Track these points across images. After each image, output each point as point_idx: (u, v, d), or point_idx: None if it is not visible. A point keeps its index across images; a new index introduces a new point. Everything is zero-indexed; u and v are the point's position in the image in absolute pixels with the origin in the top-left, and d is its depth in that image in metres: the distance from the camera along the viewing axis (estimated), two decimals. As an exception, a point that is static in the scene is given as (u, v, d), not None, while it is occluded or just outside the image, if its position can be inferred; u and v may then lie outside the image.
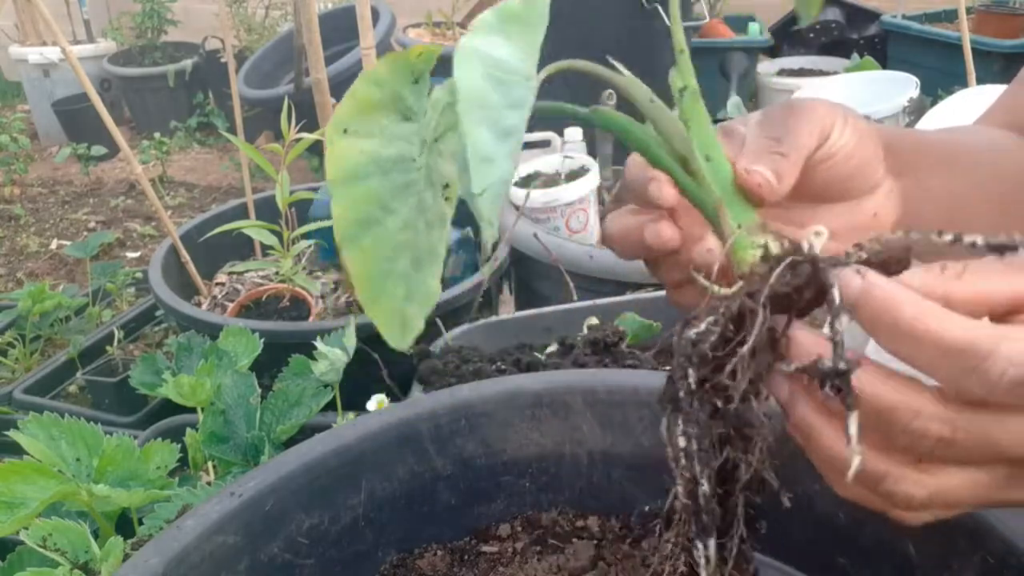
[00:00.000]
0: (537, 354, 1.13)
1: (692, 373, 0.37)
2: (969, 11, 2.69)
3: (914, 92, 2.02)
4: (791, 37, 3.31)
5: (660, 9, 2.30)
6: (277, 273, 1.65)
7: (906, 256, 0.35)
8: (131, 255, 2.72)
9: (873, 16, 3.16)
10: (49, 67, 3.73)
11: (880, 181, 0.48)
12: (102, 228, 2.94)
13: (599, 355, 1.10)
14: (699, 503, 0.38)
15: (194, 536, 0.55)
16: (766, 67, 3.22)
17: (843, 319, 0.34)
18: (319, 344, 1.05)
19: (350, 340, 1.10)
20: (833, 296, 0.34)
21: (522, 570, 0.64)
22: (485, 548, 0.68)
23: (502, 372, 1.08)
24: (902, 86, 2.05)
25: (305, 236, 1.63)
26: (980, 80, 1.91)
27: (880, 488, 0.36)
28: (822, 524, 0.61)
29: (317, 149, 2.78)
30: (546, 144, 2.17)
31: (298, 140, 1.53)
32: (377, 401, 1.04)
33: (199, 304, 1.72)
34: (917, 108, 2.00)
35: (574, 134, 2.16)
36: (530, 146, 2.07)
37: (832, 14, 3.21)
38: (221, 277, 1.88)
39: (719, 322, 0.37)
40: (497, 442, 0.69)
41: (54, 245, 2.83)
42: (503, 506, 0.71)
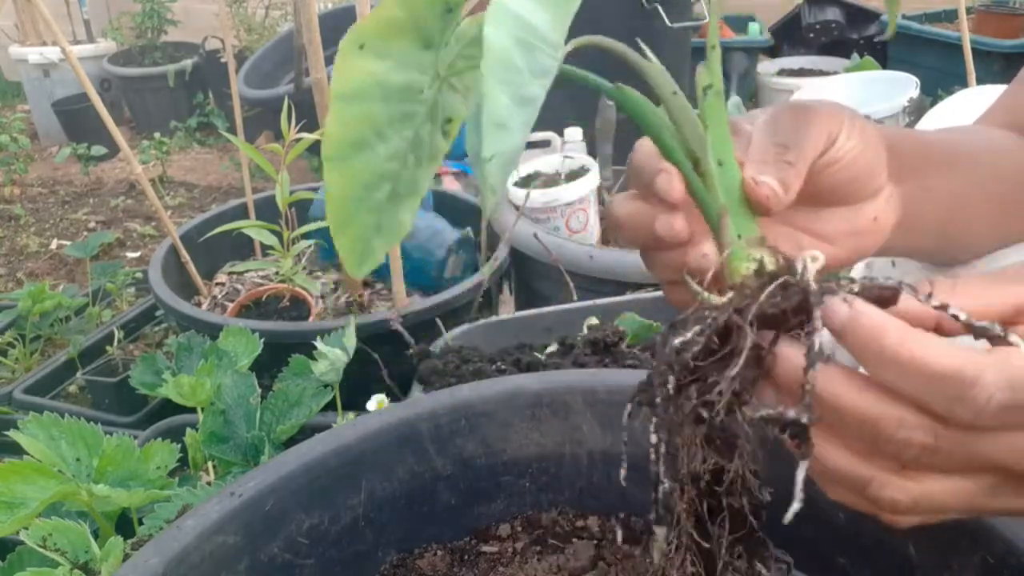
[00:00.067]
0: (537, 354, 1.13)
1: (672, 380, 0.38)
2: (969, 11, 2.69)
3: (914, 92, 2.02)
4: (791, 37, 3.31)
5: (660, 9, 2.30)
6: (277, 273, 1.65)
7: (896, 298, 0.36)
8: (131, 255, 2.72)
9: (873, 16, 3.16)
10: (49, 67, 3.72)
11: (882, 185, 0.48)
12: (102, 228, 2.94)
13: (599, 355, 1.10)
14: (658, 496, 0.40)
15: (194, 536, 0.55)
16: (766, 67, 3.22)
17: (821, 359, 0.35)
18: (319, 344, 1.05)
19: (350, 340, 1.10)
20: (815, 327, 0.35)
21: (522, 570, 0.64)
22: (485, 548, 0.68)
23: (502, 372, 1.08)
24: (902, 86, 2.05)
25: (305, 236, 1.63)
26: (980, 80, 1.91)
27: (866, 493, 0.37)
28: (822, 524, 0.61)
29: (317, 149, 2.75)
30: (546, 144, 2.16)
31: (298, 140, 1.53)
32: (377, 401, 1.04)
33: (199, 304, 1.72)
34: (917, 108, 2.00)
35: (574, 134, 2.15)
36: (530, 146, 2.07)
37: (832, 14, 3.21)
38: (221, 277, 1.88)
39: (705, 332, 0.37)
40: (497, 442, 0.69)
41: (54, 245, 2.82)
42: (503, 506, 0.71)
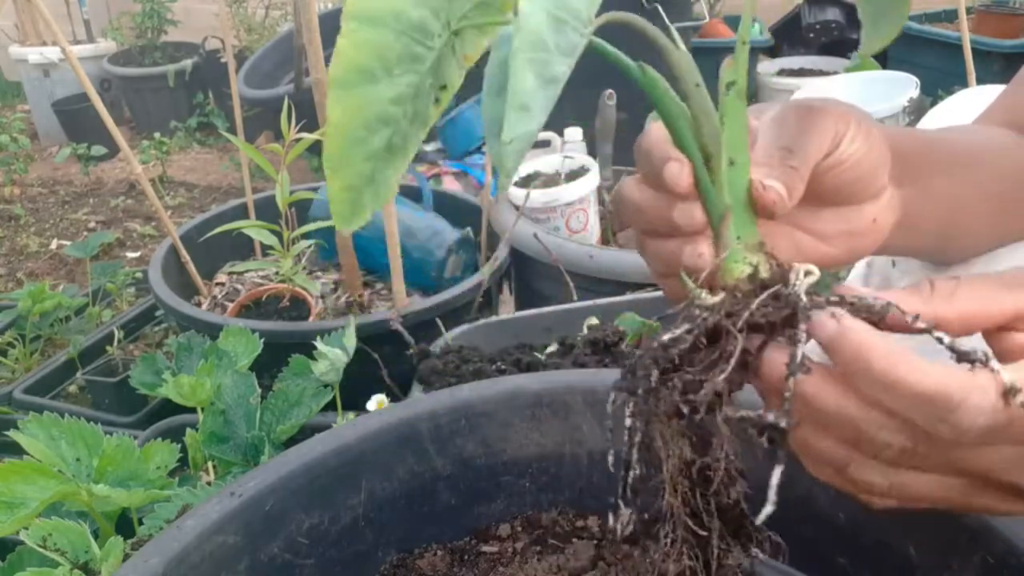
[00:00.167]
0: (537, 354, 1.13)
1: (655, 373, 0.38)
2: (969, 11, 2.69)
3: (914, 92, 2.02)
4: (791, 37, 3.31)
5: (660, 9, 2.30)
6: (277, 273, 1.65)
7: (885, 317, 0.36)
8: (131, 255, 2.72)
9: (873, 16, 3.16)
10: (49, 67, 3.72)
11: (884, 187, 0.48)
12: (102, 228, 2.94)
13: (599, 355, 1.10)
14: (627, 480, 0.41)
15: (194, 536, 0.55)
16: (766, 67, 3.22)
17: (802, 369, 0.36)
18: (319, 344, 1.05)
19: (350, 340, 1.10)
20: (799, 338, 0.36)
21: (522, 570, 0.64)
22: (485, 548, 0.68)
23: (502, 372, 1.08)
24: (902, 86, 2.06)
25: (305, 236, 1.63)
26: (980, 80, 1.91)
27: (845, 473, 0.38)
28: (822, 524, 0.61)
29: (317, 149, 2.75)
30: (546, 144, 2.16)
31: (298, 140, 1.53)
32: (377, 401, 1.04)
33: (199, 304, 1.72)
34: (917, 108, 2.00)
35: (574, 134, 2.15)
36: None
37: (832, 14, 3.21)
38: (221, 277, 1.88)
39: (694, 332, 0.38)
40: (497, 442, 0.69)
41: (54, 245, 2.82)
42: (503, 506, 0.71)
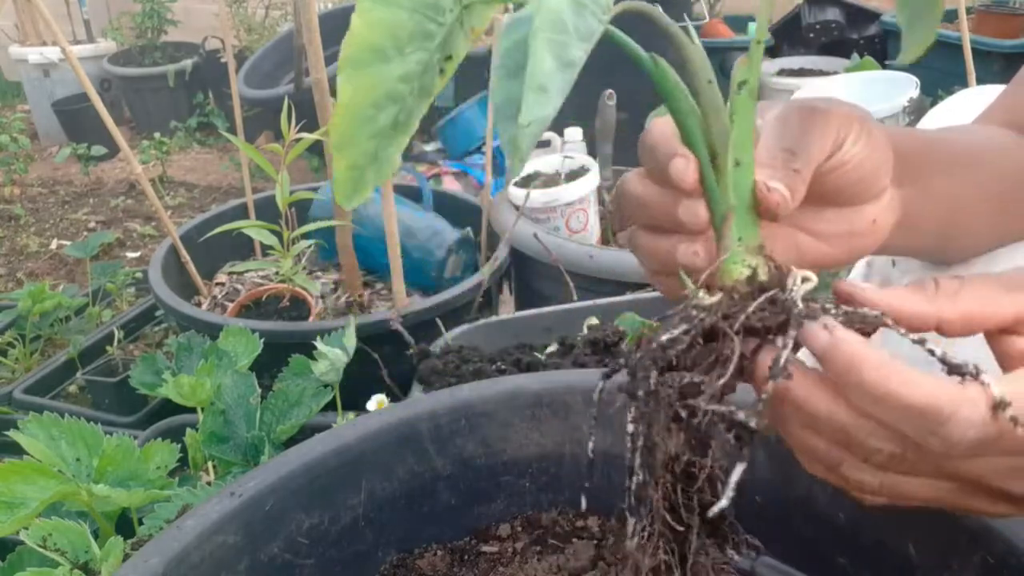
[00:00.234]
0: (537, 354, 1.13)
1: (654, 375, 0.38)
2: (969, 11, 2.69)
3: (914, 92, 2.02)
4: (791, 37, 3.31)
5: (660, 8, 2.30)
6: (277, 273, 1.65)
7: (877, 329, 0.37)
8: (131, 255, 2.72)
9: (873, 16, 3.16)
10: (49, 67, 3.72)
11: (885, 189, 0.48)
12: (102, 228, 2.94)
13: (599, 355, 1.10)
14: (632, 488, 0.41)
15: (194, 536, 0.55)
16: (766, 67, 3.22)
17: (783, 374, 0.36)
18: (319, 344, 1.05)
19: (350, 340, 1.10)
20: (786, 344, 0.36)
21: (522, 570, 0.64)
22: (485, 548, 0.68)
23: (502, 372, 1.08)
24: (902, 86, 2.06)
25: (305, 236, 1.63)
26: (980, 80, 1.90)
27: (837, 471, 0.39)
28: (822, 524, 0.61)
29: (317, 149, 2.78)
30: (546, 144, 2.17)
31: (298, 140, 1.53)
32: (377, 401, 1.05)
33: (199, 304, 1.72)
34: (917, 108, 2.00)
35: (574, 134, 2.15)
36: (530, 146, 2.07)
37: (832, 14, 3.21)
38: (221, 277, 1.88)
39: (691, 333, 0.38)
40: (497, 442, 0.69)
41: (54, 245, 2.82)
42: (503, 506, 0.71)
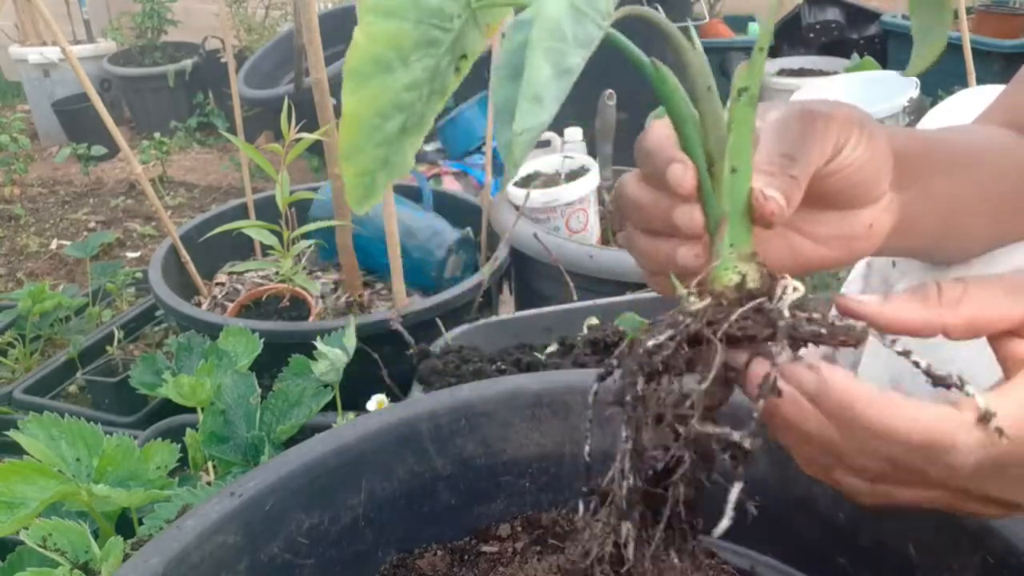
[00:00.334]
0: (537, 354, 1.13)
1: (641, 381, 0.39)
2: (969, 11, 2.69)
3: (914, 92, 2.02)
4: (791, 37, 3.31)
5: (660, 9, 2.30)
6: (277, 273, 1.65)
7: (863, 341, 0.37)
8: (131, 255, 2.72)
9: (873, 16, 3.16)
10: (49, 67, 3.72)
11: (883, 193, 0.48)
12: (102, 228, 2.94)
13: (599, 355, 1.10)
14: (622, 493, 0.41)
15: (194, 536, 0.55)
16: (766, 67, 3.22)
17: (771, 393, 0.37)
18: (319, 344, 1.05)
19: (350, 340, 1.10)
20: (774, 363, 0.37)
21: (522, 570, 0.64)
22: (485, 548, 0.68)
23: (502, 372, 1.08)
24: (902, 86, 2.06)
25: (305, 236, 1.63)
26: (980, 80, 1.90)
27: (830, 475, 0.40)
28: (822, 524, 0.61)
29: (317, 149, 2.78)
30: (546, 144, 2.16)
31: (298, 140, 1.53)
32: (377, 401, 1.04)
33: (199, 304, 1.72)
34: (917, 108, 2.00)
35: (574, 134, 2.15)
36: (530, 146, 2.07)
37: (832, 14, 3.20)
38: (221, 277, 1.88)
39: (676, 339, 0.38)
40: (497, 442, 0.69)
41: (54, 245, 2.82)
42: (503, 506, 0.71)
